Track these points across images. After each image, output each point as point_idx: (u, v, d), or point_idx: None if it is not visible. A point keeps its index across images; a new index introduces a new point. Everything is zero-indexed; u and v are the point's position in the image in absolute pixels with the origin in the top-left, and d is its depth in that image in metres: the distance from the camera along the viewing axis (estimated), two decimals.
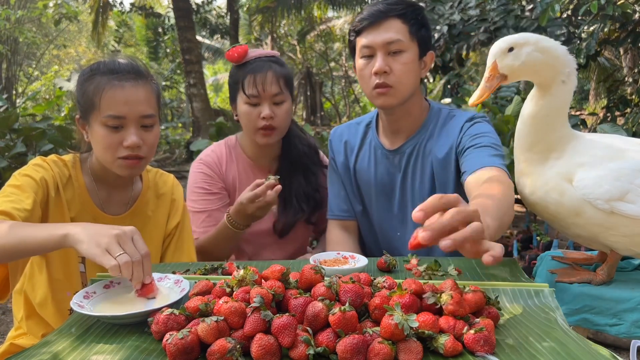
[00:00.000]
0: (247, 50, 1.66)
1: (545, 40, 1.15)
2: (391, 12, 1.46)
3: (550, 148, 1.16)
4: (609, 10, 2.76)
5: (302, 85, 17.31)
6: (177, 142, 11.26)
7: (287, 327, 0.76)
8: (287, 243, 1.81)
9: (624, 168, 1.08)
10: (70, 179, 1.35)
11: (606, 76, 5.80)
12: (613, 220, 1.08)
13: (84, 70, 1.34)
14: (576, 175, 1.11)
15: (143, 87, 1.30)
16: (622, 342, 2.40)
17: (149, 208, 1.46)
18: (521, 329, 0.87)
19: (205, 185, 1.71)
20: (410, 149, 1.58)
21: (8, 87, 12.77)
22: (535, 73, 1.16)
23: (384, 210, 1.66)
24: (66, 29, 15.36)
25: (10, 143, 3.94)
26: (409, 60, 1.48)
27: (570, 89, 1.16)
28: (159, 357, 0.80)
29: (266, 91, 1.61)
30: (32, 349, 0.84)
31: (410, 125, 1.59)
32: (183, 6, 8.85)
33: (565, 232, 1.21)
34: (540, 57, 1.14)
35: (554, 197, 1.13)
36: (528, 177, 1.19)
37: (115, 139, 1.26)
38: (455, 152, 1.51)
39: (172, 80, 14.71)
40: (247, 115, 1.64)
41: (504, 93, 4.00)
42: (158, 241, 1.48)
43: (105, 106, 1.25)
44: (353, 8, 11.78)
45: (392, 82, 1.47)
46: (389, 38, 1.45)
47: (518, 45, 1.15)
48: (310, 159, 1.80)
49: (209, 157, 1.77)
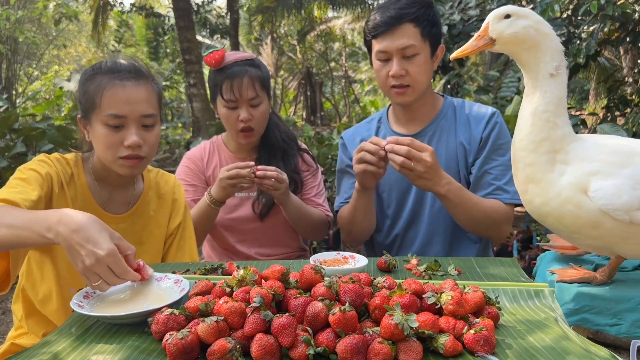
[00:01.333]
0: (224, 55, 1.73)
1: (546, 26, 1.13)
2: (404, 18, 1.53)
3: (555, 148, 1.10)
4: (609, 10, 2.76)
5: (302, 85, 17.29)
6: (177, 142, 11.25)
7: (287, 327, 0.76)
8: (271, 227, 1.86)
9: (639, 174, 1.04)
10: (72, 178, 1.35)
11: (606, 76, 5.80)
12: (632, 231, 1.04)
13: (85, 70, 1.35)
14: (591, 185, 1.05)
15: (144, 86, 1.30)
16: (622, 342, 2.40)
17: (150, 208, 1.46)
18: (521, 329, 0.87)
19: (186, 177, 1.85)
20: (431, 132, 1.67)
21: (8, 87, 12.77)
22: (521, 49, 1.14)
23: (399, 206, 1.71)
24: (66, 29, 15.36)
25: (10, 143, 3.93)
26: (423, 61, 1.57)
27: (561, 84, 1.12)
28: (159, 357, 0.80)
29: (243, 96, 1.70)
30: (32, 349, 0.84)
31: (427, 112, 1.69)
32: (183, 6, 8.84)
33: (577, 243, 1.17)
34: (533, 36, 1.12)
35: (570, 209, 1.07)
36: (537, 185, 1.12)
37: (115, 138, 1.27)
38: (478, 143, 1.63)
39: (172, 80, 14.70)
40: (227, 118, 1.76)
41: (504, 93, 4.00)
42: (159, 241, 1.48)
43: (106, 105, 1.25)
44: (353, 8, 11.77)
45: (408, 82, 1.57)
46: (403, 44, 1.54)
47: (516, 15, 1.13)
48: (288, 144, 1.89)
49: (193, 152, 1.92)
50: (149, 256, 1.44)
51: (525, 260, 3.62)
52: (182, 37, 8.78)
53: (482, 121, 1.63)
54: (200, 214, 1.69)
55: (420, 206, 1.68)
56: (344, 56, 18.48)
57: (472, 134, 1.63)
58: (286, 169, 1.78)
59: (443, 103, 1.71)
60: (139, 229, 1.43)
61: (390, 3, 1.57)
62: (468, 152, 1.64)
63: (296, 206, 1.75)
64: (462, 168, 1.64)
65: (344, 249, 3.24)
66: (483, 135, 1.62)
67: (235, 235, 1.86)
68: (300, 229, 1.86)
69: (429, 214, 1.66)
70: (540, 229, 4.06)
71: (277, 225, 1.87)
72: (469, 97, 4.08)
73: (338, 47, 18.17)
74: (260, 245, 1.88)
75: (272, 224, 1.86)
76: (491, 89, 4.08)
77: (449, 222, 1.65)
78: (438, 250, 1.68)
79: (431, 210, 1.66)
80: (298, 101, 18.10)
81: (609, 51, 6.71)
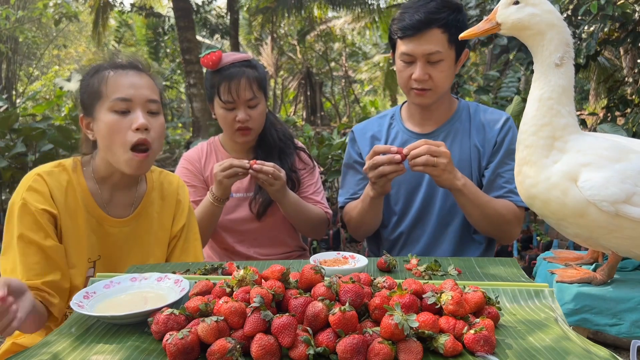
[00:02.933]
0: (221, 56, 1.75)
1: (555, 17, 1.15)
2: (434, 24, 1.51)
3: (555, 135, 1.14)
4: (609, 10, 2.75)
5: (302, 85, 17.28)
6: (177, 142, 11.24)
7: (287, 327, 0.76)
8: (269, 227, 1.86)
9: (630, 170, 1.06)
10: (70, 184, 1.33)
11: (606, 76, 5.79)
12: (617, 223, 1.07)
13: (87, 71, 1.36)
14: (581, 176, 1.09)
15: (146, 77, 1.33)
16: (622, 342, 2.40)
17: (154, 209, 1.45)
18: (521, 329, 0.87)
19: (185, 179, 1.82)
20: (445, 133, 1.68)
21: (8, 87, 12.76)
22: (525, 35, 1.19)
23: (407, 203, 1.72)
24: (66, 29, 15.36)
25: (10, 143, 3.93)
26: (447, 67, 1.57)
27: (565, 74, 1.15)
28: (159, 357, 0.80)
29: (240, 97, 1.72)
30: (32, 349, 0.84)
31: (442, 113, 1.70)
32: (183, 6, 8.84)
33: (564, 231, 1.20)
34: (537, 24, 1.15)
35: (557, 195, 1.12)
36: (530, 167, 1.17)
37: (123, 123, 1.26)
38: (492, 147, 1.65)
39: (172, 80, 14.69)
40: (224, 119, 1.77)
41: (504, 93, 3.99)
42: (164, 243, 1.47)
43: (111, 91, 1.27)
44: (353, 8, 11.76)
45: (430, 86, 1.57)
46: (429, 50, 1.53)
47: (525, 2, 1.17)
48: (285, 142, 1.90)
49: (191, 153, 1.93)
50: (152, 259, 1.43)
51: (525, 260, 3.62)
52: (182, 37, 8.78)
53: (497, 125, 1.65)
54: (204, 212, 1.70)
55: (428, 205, 1.69)
56: (344, 56, 18.47)
57: (487, 138, 1.65)
58: (283, 168, 1.78)
59: (458, 105, 1.72)
60: (142, 232, 1.42)
61: (420, 4, 1.54)
62: (482, 155, 1.65)
63: (293, 203, 1.75)
64: (474, 170, 1.66)
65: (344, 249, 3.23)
66: (497, 139, 1.64)
67: (234, 235, 1.86)
68: (299, 227, 1.87)
69: (438, 213, 1.68)
70: (541, 229, 4.06)
71: (276, 224, 1.87)
72: (468, 97, 4.08)
73: (338, 47, 18.16)
74: (259, 245, 1.88)
75: (270, 224, 1.86)
76: (491, 89, 4.08)
77: (457, 222, 1.66)
78: (444, 250, 1.69)
79: (441, 210, 1.67)
80: (298, 101, 18.08)
81: (609, 51, 6.70)
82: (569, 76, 1.16)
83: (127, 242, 1.40)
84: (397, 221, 1.74)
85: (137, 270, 1.23)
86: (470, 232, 1.68)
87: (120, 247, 1.39)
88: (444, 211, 1.67)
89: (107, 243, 1.37)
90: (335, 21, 15.89)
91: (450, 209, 1.65)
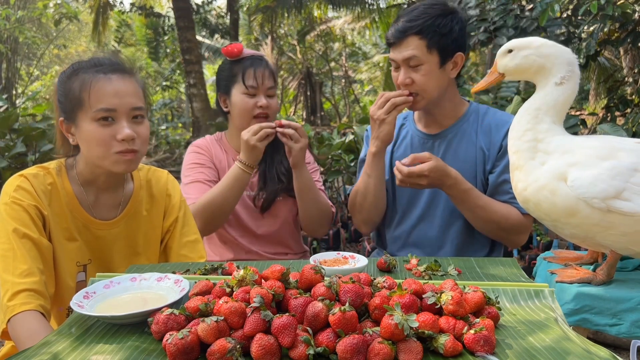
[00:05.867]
0: (242, 47, 1.86)
1: (549, 46, 1.20)
2: (409, 31, 1.59)
3: (537, 137, 1.18)
4: (609, 10, 2.75)
5: (302, 85, 17.27)
6: (177, 142, 11.24)
7: (287, 327, 0.76)
8: (272, 226, 1.88)
9: (619, 167, 1.08)
10: (54, 187, 1.30)
11: (606, 76, 5.79)
12: (610, 219, 1.08)
13: (64, 71, 1.31)
14: (570, 175, 1.11)
15: (130, 80, 1.28)
16: (622, 342, 2.40)
17: (143, 207, 1.42)
18: (521, 329, 0.87)
19: (198, 160, 1.88)
20: (452, 135, 1.72)
21: (8, 87, 12.75)
22: (528, 75, 1.25)
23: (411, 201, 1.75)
24: (66, 29, 15.36)
25: (10, 143, 3.93)
26: (428, 71, 1.61)
27: (566, 91, 1.19)
28: (159, 357, 0.80)
29: (264, 84, 1.82)
30: (32, 349, 0.84)
31: (447, 116, 1.73)
32: (183, 6, 8.85)
33: (560, 233, 1.20)
34: (536, 61, 1.21)
35: (546, 195, 1.14)
36: (520, 171, 1.21)
37: (107, 133, 1.23)
38: (497, 150, 1.67)
39: (172, 80, 14.69)
40: (244, 105, 1.82)
41: (504, 93, 3.99)
42: (155, 241, 1.45)
43: (94, 100, 1.22)
44: (353, 8, 11.76)
45: (415, 90, 1.63)
46: (407, 55, 1.60)
47: (517, 49, 1.24)
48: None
49: (199, 141, 1.98)
50: (144, 258, 1.42)
51: (525, 260, 3.62)
52: (182, 37, 8.79)
53: (503, 129, 1.66)
54: (231, 181, 1.71)
55: (432, 205, 1.71)
56: (344, 56, 18.46)
57: (492, 141, 1.67)
58: (287, 161, 1.81)
59: (467, 108, 1.75)
60: (132, 232, 1.40)
61: (405, 13, 1.64)
62: (487, 158, 1.67)
63: (308, 178, 1.79)
64: (479, 173, 1.68)
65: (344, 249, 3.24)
66: (503, 143, 1.65)
67: (236, 229, 1.88)
68: (307, 210, 1.84)
69: (442, 214, 1.69)
70: (541, 229, 4.05)
71: (278, 224, 1.89)
72: (468, 97, 4.07)
73: (338, 47, 18.15)
74: (259, 243, 1.89)
75: (273, 223, 1.88)
76: (491, 89, 4.07)
77: (461, 225, 1.68)
78: (447, 251, 1.70)
79: (444, 211, 1.69)
80: (298, 101, 18.08)
81: (609, 51, 6.70)
82: (567, 94, 1.20)
83: (117, 244, 1.38)
84: (400, 219, 1.76)
85: (137, 270, 1.23)
86: (475, 236, 1.70)
87: (110, 249, 1.37)
88: (447, 213, 1.69)
89: (97, 246, 1.35)
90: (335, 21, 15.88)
91: (453, 209, 1.67)
